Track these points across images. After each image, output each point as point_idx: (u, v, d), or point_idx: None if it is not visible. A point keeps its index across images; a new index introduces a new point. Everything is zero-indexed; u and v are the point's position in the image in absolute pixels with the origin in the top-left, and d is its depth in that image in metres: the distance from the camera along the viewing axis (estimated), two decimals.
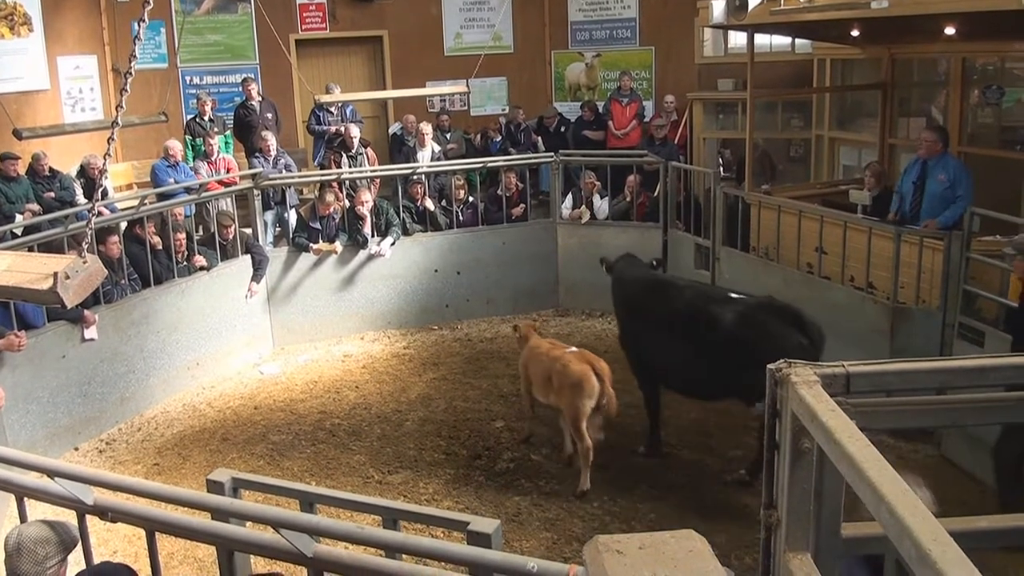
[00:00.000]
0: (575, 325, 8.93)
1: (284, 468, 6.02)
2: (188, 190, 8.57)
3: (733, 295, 5.71)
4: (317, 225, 8.56)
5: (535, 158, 9.70)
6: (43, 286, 2.59)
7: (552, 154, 9.42)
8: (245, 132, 10.07)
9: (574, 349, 5.74)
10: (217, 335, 7.94)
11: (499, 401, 6.95)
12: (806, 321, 5.30)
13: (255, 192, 8.54)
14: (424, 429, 6.58)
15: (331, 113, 10.15)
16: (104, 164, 3.27)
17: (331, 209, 8.54)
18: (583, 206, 9.27)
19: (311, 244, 8.54)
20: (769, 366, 1.66)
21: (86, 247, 2.84)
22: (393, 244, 8.78)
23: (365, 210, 8.63)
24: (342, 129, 9.79)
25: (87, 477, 2.32)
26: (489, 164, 9.45)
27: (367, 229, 8.68)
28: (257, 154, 9.43)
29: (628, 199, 9.23)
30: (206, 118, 9.84)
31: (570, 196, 9.42)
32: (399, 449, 6.25)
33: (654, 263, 6.64)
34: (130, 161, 10.75)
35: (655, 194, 9.10)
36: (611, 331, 8.29)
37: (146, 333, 7.25)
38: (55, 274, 2.59)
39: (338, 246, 8.57)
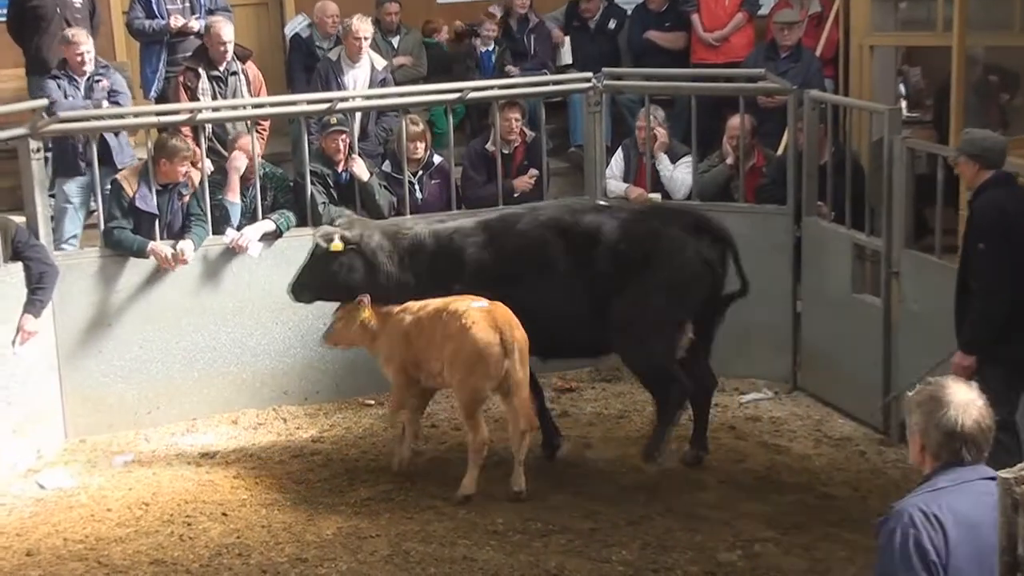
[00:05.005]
0: (631, 398, 8.96)
1: None
2: None
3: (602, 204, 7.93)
4: (152, 204, 8.62)
5: (558, 81, 9.85)
6: None
7: (591, 74, 9.43)
8: (29, 28, 10.07)
9: (484, 304, 7.22)
10: None
11: (489, 541, 7.02)
12: (710, 227, 7.53)
13: (34, 146, 8.42)
14: None
15: None
16: None
17: (181, 173, 8.66)
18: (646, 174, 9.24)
19: (152, 243, 8.60)
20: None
21: None
22: (277, 237, 8.90)
23: (239, 167, 8.93)
24: (195, 26, 10.01)
25: None
26: (472, 94, 9.43)
27: (234, 207, 8.90)
28: (57, 72, 9.43)
29: (729, 160, 9.14)
30: None
31: (621, 155, 9.47)
32: None
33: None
34: None
35: (778, 151, 9.15)
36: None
37: None
38: None
39: (188, 249, 8.65)
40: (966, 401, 3.44)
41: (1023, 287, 6.31)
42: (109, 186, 8.91)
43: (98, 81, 9.33)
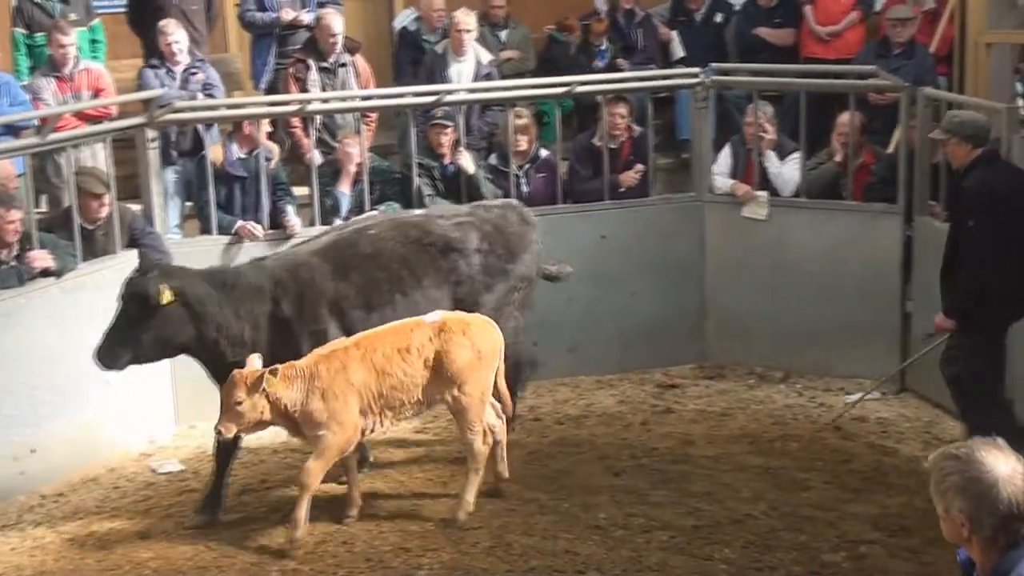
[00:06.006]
0: (736, 396, 8.97)
1: None
2: (17, 129, 8.73)
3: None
4: (240, 168, 8.83)
5: (664, 77, 9.95)
6: None
7: (699, 69, 9.45)
8: (148, 19, 10.06)
9: (436, 317, 7.01)
10: (72, 399, 8.01)
11: (592, 536, 7.02)
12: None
13: (149, 135, 8.54)
14: None
15: None
16: None
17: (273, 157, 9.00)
18: (755, 174, 9.26)
19: (240, 221, 8.76)
20: None
21: None
22: None
23: (351, 166, 8.96)
24: (306, 19, 10.04)
25: None
26: (580, 88, 9.38)
27: (345, 198, 9.02)
28: (155, 62, 9.54)
29: (838, 158, 9.13)
30: None
31: (729, 151, 9.41)
32: None
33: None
34: None
35: (889, 149, 9.09)
36: (808, 409, 8.60)
37: None
38: None
39: (296, 223, 8.83)
40: (1011, 474, 3.12)
41: (1009, 257, 6.82)
42: (196, 168, 9.10)
43: (193, 73, 9.48)
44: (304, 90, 9.54)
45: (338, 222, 8.73)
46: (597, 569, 6.62)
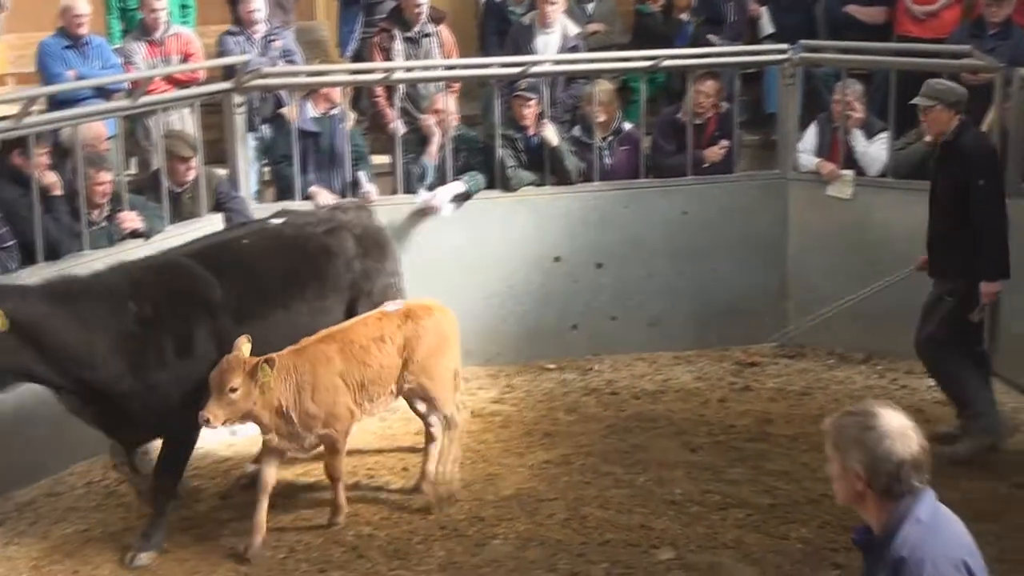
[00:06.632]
0: (815, 376, 8.95)
1: None
2: (108, 92, 8.77)
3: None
4: (311, 124, 8.93)
5: (752, 53, 9.88)
6: None
7: (787, 46, 9.38)
8: None
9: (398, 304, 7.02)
10: None
11: (667, 511, 7.06)
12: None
13: (237, 101, 8.64)
14: (525, 557, 6.69)
15: None
16: None
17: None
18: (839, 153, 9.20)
19: (313, 187, 8.85)
20: None
21: None
22: (466, 199, 8.95)
23: (436, 135, 8.99)
24: None
25: None
26: (666, 63, 9.39)
27: (430, 168, 9.00)
28: (234, 28, 9.65)
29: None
30: None
31: (815, 129, 9.34)
32: None
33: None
34: (5, 35, 10.67)
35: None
36: (889, 391, 8.53)
37: None
38: None
39: (372, 190, 8.97)
40: (903, 427, 3.34)
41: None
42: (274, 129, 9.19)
43: (272, 40, 9.48)
44: (388, 60, 9.58)
45: (422, 191, 8.83)
46: (672, 544, 6.64)
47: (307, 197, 8.72)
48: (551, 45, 9.79)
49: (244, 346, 6.27)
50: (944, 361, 7.52)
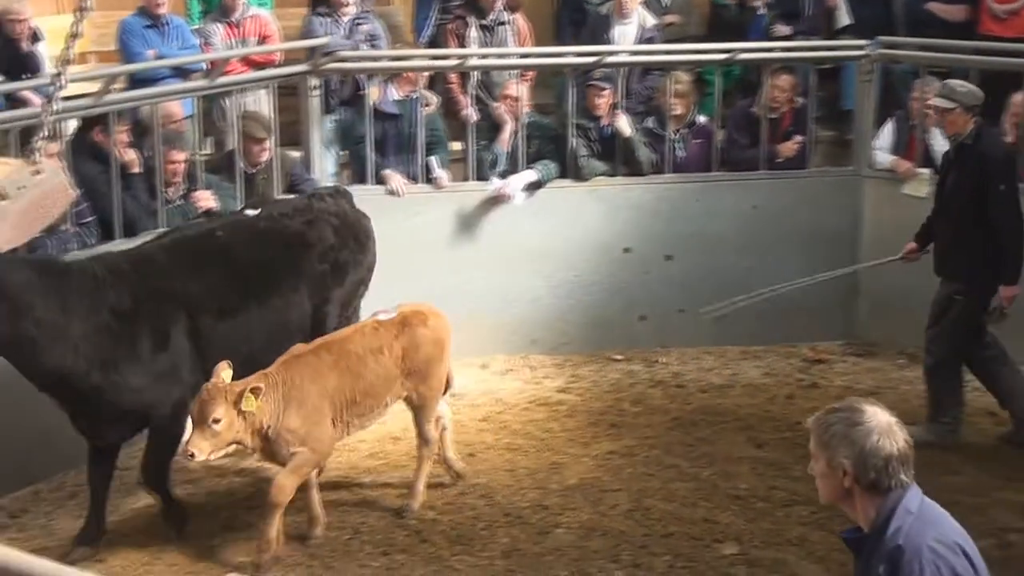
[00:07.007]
0: (884, 375, 8.90)
1: None
2: (186, 72, 8.81)
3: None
4: (392, 107, 8.99)
5: (829, 48, 9.84)
6: None
7: (865, 42, 9.35)
8: None
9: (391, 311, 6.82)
10: None
11: (731, 505, 7.07)
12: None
13: (313, 83, 8.73)
14: (588, 546, 6.69)
15: None
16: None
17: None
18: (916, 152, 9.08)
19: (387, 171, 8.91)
20: None
21: (39, 148, 2.88)
22: (538, 187, 8.97)
23: (508, 123, 9.02)
24: None
25: None
26: (742, 56, 9.42)
27: (503, 155, 9.02)
28: (321, 10, 9.63)
29: (1008, 138, 8.77)
30: None
31: (892, 126, 9.29)
32: None
33: None
34: (87, 14, 10.74)
35: None
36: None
37: None
38: None
39: (444, 177, 9.00)
40: (888, 423, 3.41)
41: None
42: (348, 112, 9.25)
43: (359, 23, 9.52)
44: (462, 46, 9.63)
45: (494, 179, 8.85)
46: (735, 539, 6.64)
47: (380, 181, 8.79)
48: (628, 36, 9.79)
49: (225, 372, 5.98)
50: (980, 364, 7.62)
